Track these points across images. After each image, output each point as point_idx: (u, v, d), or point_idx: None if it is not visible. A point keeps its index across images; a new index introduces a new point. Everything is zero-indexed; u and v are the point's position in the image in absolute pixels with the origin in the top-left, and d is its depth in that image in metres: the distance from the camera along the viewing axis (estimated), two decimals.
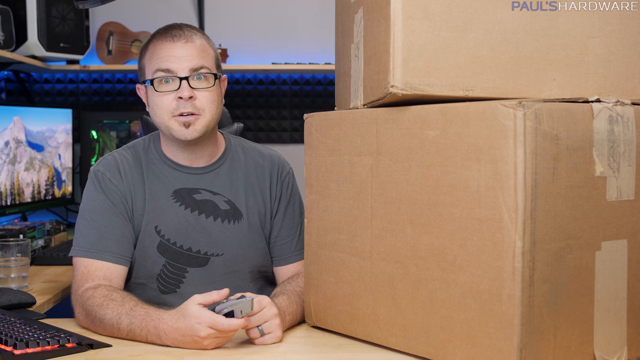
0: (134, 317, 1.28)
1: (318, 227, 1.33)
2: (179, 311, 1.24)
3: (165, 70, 1.46)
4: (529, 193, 0.99)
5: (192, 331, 1.21)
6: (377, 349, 1.23)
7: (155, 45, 1.49)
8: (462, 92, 1.11)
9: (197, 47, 1.48)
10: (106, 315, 1.32)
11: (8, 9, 2.75)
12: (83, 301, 1.39)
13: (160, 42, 1.49)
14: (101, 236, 1.48)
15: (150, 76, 1.48)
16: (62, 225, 2.62)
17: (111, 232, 1.49)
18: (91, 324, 1.36)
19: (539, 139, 0.99)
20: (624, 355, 1.11)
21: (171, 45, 1.47)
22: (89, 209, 1.52)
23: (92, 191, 1.53)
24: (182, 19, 3.33)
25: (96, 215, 1.50)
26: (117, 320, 1.30)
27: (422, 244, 1.12)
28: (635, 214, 1.10)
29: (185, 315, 1.22)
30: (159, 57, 1.47)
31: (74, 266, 1.49)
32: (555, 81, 1.12)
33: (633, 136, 1.09)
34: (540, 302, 1.01)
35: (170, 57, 1.46)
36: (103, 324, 1.33)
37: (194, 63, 1.46)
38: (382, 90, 1.14)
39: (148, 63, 1.50)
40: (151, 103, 1.51)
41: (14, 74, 3.20)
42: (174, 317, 1.24)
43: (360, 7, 1.24)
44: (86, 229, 1.50)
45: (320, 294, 1.34)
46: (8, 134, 2.63)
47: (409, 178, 1.14)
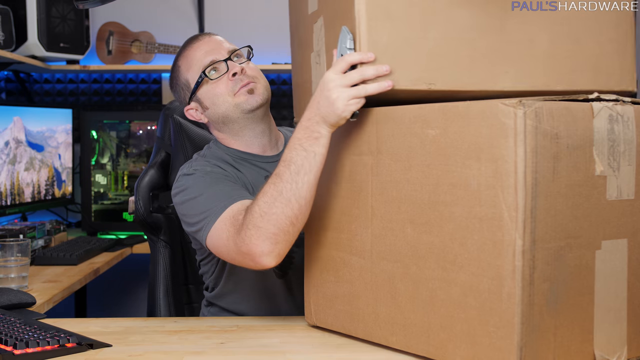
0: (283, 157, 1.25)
1: (318, 226, 1.33)
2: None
3: (209, 64, 1.53)
4: (529, 192, 0.99)
5: (321, 92, 1.19)
6: (377, 348, 1.23)
7: (186, 55, 1.57)
8: (425, 86, 1.16)
9: (220, 38, 1.59)
10: (266, 191, 1.24)
11: (8, 9, 2.75)
12: (246, 224, 1.26)
13: (190, 50, 1.57)
14: (232, 189, 1.41)
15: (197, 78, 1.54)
16: (62, 225, 2.62)
17: (238, 185, 1.45)
18: (266, 218, 1.24)
19: (539, 137, 0.99)
20: (624, 354, 1.11)
21: (199, 44, 1.56)
22: (203, 186, 1.43)
23: (199, 177, 1.46)
24: (182, 19, 3.34)
25: (214, 183, 1.43)
26: (272, 178, 1.24)
27: (422, 243, 1.12)
28: (635, 213, 1.10)
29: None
30: (197, 58, 1.55)
31: (217, 236, 1.35)
32: (508, 74, 1.19)
33: (633, 135, 1.09)
34: (540, 301, 1.01)
35: (207, 52, 1.54)
36: (266, 197, 1.24)
37: (228, 46, 1.56)
38: None
39: (189, 71, 1.56)
40: (210, 98, 1.54)
41: (14, 74, 3.20)
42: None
43: (320, 16, 1.30)
44: (211, 197, 1.39)
45: (320, 294, 1.34)
46: (8, 134, 2.63)
47: (409, 177, 1.14)
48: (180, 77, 1.58)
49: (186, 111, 1.59)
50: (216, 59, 1.53)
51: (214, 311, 1.65)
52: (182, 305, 1.87)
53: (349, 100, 1.18)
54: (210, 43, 1.56)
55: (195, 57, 1.55)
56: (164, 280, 1.83)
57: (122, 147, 3.00)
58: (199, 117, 1.58)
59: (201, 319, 1.57)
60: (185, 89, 1.58)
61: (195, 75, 1.54)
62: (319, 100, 1.21)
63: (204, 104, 1.55)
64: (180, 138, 1.78)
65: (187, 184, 1.47)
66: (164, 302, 1.82)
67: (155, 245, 1.86)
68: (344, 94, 1.17)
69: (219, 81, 1.52)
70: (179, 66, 1.59)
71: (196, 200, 1.42)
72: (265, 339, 1.31)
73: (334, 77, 1.19)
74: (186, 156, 1.75)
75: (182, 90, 1.59)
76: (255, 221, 1.25)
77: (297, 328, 1.39)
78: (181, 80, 1.58)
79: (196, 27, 3.34)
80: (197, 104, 1.57)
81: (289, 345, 1.28)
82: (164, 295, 1.82)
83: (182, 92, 1.59)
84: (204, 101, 1.55)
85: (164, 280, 1.83)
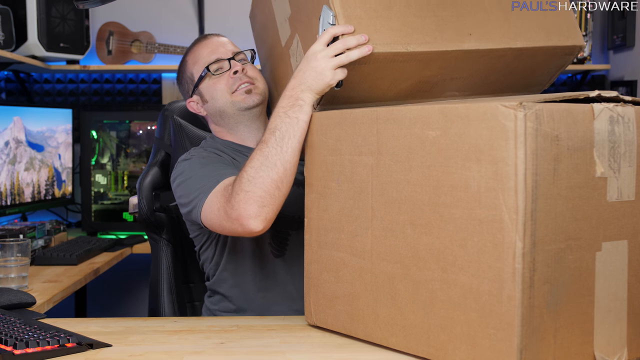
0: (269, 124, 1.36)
1: (318, 226, 1.33)
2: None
3: (214, 61, 1.62)
4: (530, 194, 0.99)
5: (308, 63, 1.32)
6: (377, 349, 1.23)
7: (194, 51, 1.68)
8: (402, 48, 1.30)
9: (226, 40, 1.70)
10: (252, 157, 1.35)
11: (8, 9, 2.75)
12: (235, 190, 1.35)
13: (198, 47, 1.68)
14: (224, 167, 1.51)
15: (201, 71, 1.63)
16: (62, 225, 2.62)
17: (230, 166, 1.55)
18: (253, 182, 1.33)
19: (540, 139, 0.99)
20: (624, 355, 1.11)
21: (207, 43, 1.67)
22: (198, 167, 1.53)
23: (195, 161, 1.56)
24: (182, 19, 3.34)
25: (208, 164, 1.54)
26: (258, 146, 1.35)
27: (422, 245, 1.12)
28: (636, 215, 1.11)
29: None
30: (203, 54, 1.65)
31: (210, 209, 1.43)
32: (472, 36, 1.34)
33: (634, 137, 1.09)
34: (540, 303, 1.01)
35: (212, 50, 1.64)
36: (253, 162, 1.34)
37: (232, 48, 1.67)
38: None
39: (195, 66, 1.66)
40: (211, 92, 1.63)
41: (14, 74, 3.20)
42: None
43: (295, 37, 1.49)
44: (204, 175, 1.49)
45: (320, 294, 1.34)
46: (8, 134, 2.63)
47: (410, 178, 1.14)
48: (186, 70, 1.68)
49: (188, 103, 1.70)
50: (220, 57, 1.63)
51: (215, 300, 1.68)
52: (185, 303, 1.88)
53: (335, 69, 1.30)
54: (217, 43, 1.66)
55: (201, 53, 1.65)
56: (167, 279, 1.85)
57: (122, 147, 3.00)
58: (199, 110, 1.68)
59: (201, 318, 1.57)
60: (189, 81, 1.68)
61: (200, 69, 1.64)
62: (305, 70, 1.33)
63: (204, 98, 1.65)
64: (180, 138, 1.80)
65: (183, 167, 1.56)
66: (168, 300, 1.84)
67: (158, 244, 1.87)
68: (330, 62, 1.30)
69: (220, 77, 1.62)
70: (186, 61, 1.69)
71: (191, 180, 1.51)
72: (265, 339, 1.31)
73: (320, 48, 1.31)
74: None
75: (187, 83, 1.69)
76: (243, 186, 1.33)
77: (297, 328, 1.39)
78: (187, 73, 1.68)
79: (196, 27, 3.34)
80: (198, 97, 1.67)
81: (289, 345, 1.28)
82: (168, 293, 1.84)
83: (187, 84, 1.69)
84: (204, 95, 1.65)
85: (167, 278, 1.85)
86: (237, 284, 1.65)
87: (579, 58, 3.24)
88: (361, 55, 1.28)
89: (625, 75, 3.14)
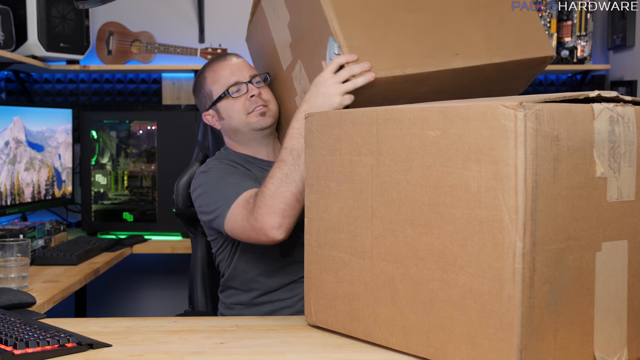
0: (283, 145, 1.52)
1: (318, 226, 1.33)
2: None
3: (233, 83, 1.78)
4: (530, 194, 0.99)
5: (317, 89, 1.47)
6: (377, 349, 1.23)
7: (214, 70, 1.82)
8: (399, 72, 1.45)
9: (244, 61, 1.85)
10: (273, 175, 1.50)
11: (8, 9, 2.75)
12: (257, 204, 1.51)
13: (217, 67, 1.82)
14: (241, 180, 1.66)
15: (222, 91, 1.79)
16: (62, 225, 2.62)
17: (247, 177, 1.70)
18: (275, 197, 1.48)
19: (540, 140, 0.99)
20: (624, 355, 1.11)
21: (227, 64, 1.81)
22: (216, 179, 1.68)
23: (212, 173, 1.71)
24: (182, 19, 3.34)
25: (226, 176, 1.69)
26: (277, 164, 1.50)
27: (422, 245, 1.12)
28: (636, 215, 1.11)
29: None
30: (223, 75, 1.80)
31: (233, 220, 1.58)
32: (459, 55, 1.50)
33: (634, 137, 1.09)
34: (540, 303, 1.01)
35: (232, 72, 1.79)
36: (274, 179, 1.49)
37: (250, 71, 1.81)
38: None
39: (214, 85, 1.80)
40: (229, 111, 1.79)
41: (14, 74, 3.20)
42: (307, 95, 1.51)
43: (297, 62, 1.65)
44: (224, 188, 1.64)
45: (320, 294, 1.34)
46: (8, 134, 2.63)
47: (410, 178, 1.14)
48: (205, 87, 1.83)
49: (204, 116, 1.86)
50: (240, 80, 1.78)
51: (228, 294, 1.84)
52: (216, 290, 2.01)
53: (343, 95, 1.45)
54: (236, 65, 1.81)
55: (222, 74, 1.80)
56: (201, 268, 2.04)
57: (122, 147, 3.00)
58: (214, 123, 1.84)
59: (201, 318, 1.57)
60: (207, 97, 1.83)
61: (219, 89, 1.79)
62: (315, 95, 1.47)
63: (221, 115, 1.81)
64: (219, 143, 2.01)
65: (203, 180, 1.71)
66: (200, 288, 2.03)
67: (195, 237, 2.07)
68: (339, 89, 1.45)
69: (238, 99, 1.77)
70: (205, 77, 1.83)
71: (211, 191, 1.66)
72: (265, 339, 1.31)
73: (329, 76, 1.46)
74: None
75: (204, 98, 1.84)
76: (266, 200, 1.49)
77: (297, 328, 1.39)
78: (205, 89, 1.83)
79: (196, 27, 3.34)
80: (214, 113, 1.83)
81: (289, 345, 1.28)
82: (200, 281, 2.03)
83: (204, 99, 1.84)
84: (221, 112, 1.80)
85: (201, 268, 2.04)
86: (248, 280, 1.80)
87: (579, 58, 3.25)
88: (366, 81, 1.43)
89: (625, 75, 3.14)
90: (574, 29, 3.27)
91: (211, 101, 1.81)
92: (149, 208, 2.96)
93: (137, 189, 2.99)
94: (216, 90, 1.80)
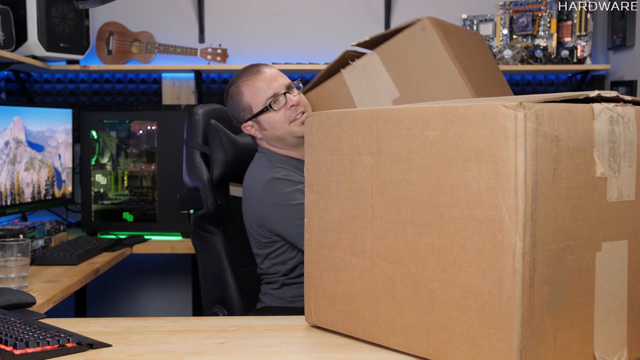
0: None
1: (318, 226, 1.33)
2: None
3: (272, 96, 1.91)
4: (530, 194, 0.99)
5: None
6: (377, 349, 1.23)
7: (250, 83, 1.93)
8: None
9: (277, 71, 1.96)
10: None
11: (8, 9, 2.75)
12: None
13: (253, 79, 1.94)
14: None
15: (262, 106, 1.91)
16: (62, 225, 2.62)
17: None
18: None
19: (540, 139, 0.99)
20: (624, 355, 1.11)
21: (262, 77, 1.93)
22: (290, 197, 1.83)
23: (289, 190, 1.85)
24: (182, 19, 3.33)
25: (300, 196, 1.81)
26: None
27: (422, 245, 1.12)
28: (636, 215, 1.11)
29: None
30: (260, 88, 1.92)
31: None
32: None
33: (634, 137, 1.09)
34: (540, 303, 1.01)
35: (268, 84, 1.91)
36: None
37: (284, 80, 1.94)
38: None
39: (253, 99, 1.93)
40: (271, 123, 1.92)
41: (14, 74, 3.20)
42: None
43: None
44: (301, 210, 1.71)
45: (320, 294, 1.34)
46: (8, 134, 2.63)
47: (410, 178, 1.14)
48: (243, 100, 1.94)
49: (243, 127, 1.97)
50: (278, 92, 1.91)
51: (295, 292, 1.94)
52: (244, 284, 2.05)
53: None
54: (271, 76, 1.94)
55: (259, 87, 1.92)
56: (230, 266, 2.03)
57: (122, 147, 3.00)
58: (255, 133, 1.96)
59: (201, 318, 1.57)
60: (245, 110, 1.95)
61: (258, 103, 1.92)
62: None
63: (263, 126, 1.93)
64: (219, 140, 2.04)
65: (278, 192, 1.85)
66: (234, 285, 2.01)
67: (217, 236, 2.05)
68: None
69: (279, 111, 1.91)
70: (242, 91, 1.94)
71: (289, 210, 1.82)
72: (265, 339, 1.31)
73: None
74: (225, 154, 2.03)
75: (242, 111, 1.95)
76: None
77: (297, 328, 1.39)
78: (243, 103, 1.94)
79: (196, 27, 3.34)
80: (255, 124, 1.95)
81: (289, 345, 1.28)
82: (233, 279, 2.02)
83: (242, 112, 1.95)
84: (263, 124, 1.93)
85: (229, 266, 2.03)
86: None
87: (579, 58, 3.24)
88: None
89: (625, 75, 3.14)
90: (574, 29, 3.27)
91: (251, 114, 1.93)
92: (149, 208, 2.96)
93: (137, 189, 2.98)
94: (255, 104, 1.92)
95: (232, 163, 2.05)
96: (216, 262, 2.05)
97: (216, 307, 2.05)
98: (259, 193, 1.89)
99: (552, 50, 3.25)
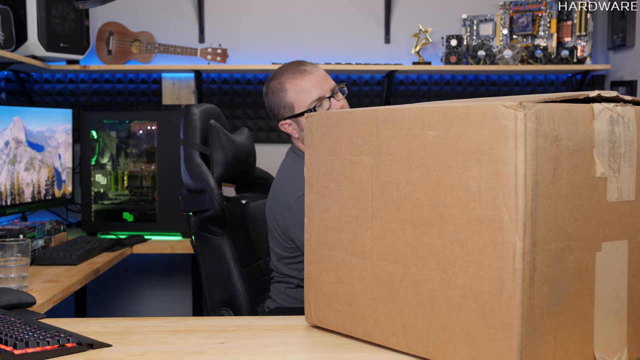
0: None
1: (318, 226, 1.33)
2: None
3: (317, 99, 1.90)
4: (530, 194, 0.99)
5: None
6: (377, 349, 1.23)
7: (295, 82, 1.92)
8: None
9: (323, 72, 1.94)
10: None
11: (8, 9, 2.75)
12: None
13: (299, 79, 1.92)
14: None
15: (305, 107, 1.91)
16: (62, 225, 2.62)
17: None
18: None
19: (540, 140, 0.99)
20: (624, 355, 1.11)
21: (309, 77, 1.92)
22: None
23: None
24: (182, 19, 3.34)
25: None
26: None
27: (422, 245, 1.12)
28: (636, 215, 1.10)
29: None
30: (306, 89, 1.91)
31: None
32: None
33: (634, 137, 1.09)
34: (540, 303, 1.01)
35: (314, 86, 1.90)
36: None
37: (329, 82, 1.93)
38: None
39: (297, 98, 1.91)
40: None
41: (14, 74, 3.20)
42: None
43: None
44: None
45: (320, 294, 1.34)
46: (8, 134, 2.63)
47: (410, 178, 1.14)
48: (286, 98, 1.93)
49: (281, 125, 1.97)
50: (323, 95, 1.91)
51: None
52: (250, 282, 2.09)
53: None
54: (318, 78, 1.92)
55: (304, 88, 1.91)
56: (236, 266, 2.02)
57: (122, 147, 3.00)
58: (292, 132, 1.97)
59: (201, 318, 1.57)
60: (287, 108, 1.94)
61: (301, 103, 1.91)
62: None
63: (302, 127, 1.92)
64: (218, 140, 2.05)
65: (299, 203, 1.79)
66: (241, 286, 2.01)
67: (221, 237, 2.05)
68: None
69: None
70: (285, 89, 1.93)
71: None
72: (265, 339, 1.31)
73: None
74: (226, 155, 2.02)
75: (283, 109, 1.94)
76: None
77: (297, 328, 1.39)
78: (285, 100, 1.93)
79: (196, 27, 3.34)
80: (294, 124, 1.95)
81: (289, 345, 1.28)
82: (239, 278, 2.01)
83: (283, 110, 1.94)
84: (303, 125, 1.89)
85: (235, 266, 2.02)
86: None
87: (579, 58, 3.25)
88: None
89: (625, 75, 3.14)
90: (574, 29, 3.27)
91: (292, 113, 1.92)
92: (149, 208, 2.96)
93: (137, 189, 2.99)
94: (298, 104, 1.91)
95: (231, 163, 2.05)
96: (221, 263, 2.03)
97: (222, 309, 2.04)
98: (288, 202, 1.87)
99: (552, 50, 3.25)
